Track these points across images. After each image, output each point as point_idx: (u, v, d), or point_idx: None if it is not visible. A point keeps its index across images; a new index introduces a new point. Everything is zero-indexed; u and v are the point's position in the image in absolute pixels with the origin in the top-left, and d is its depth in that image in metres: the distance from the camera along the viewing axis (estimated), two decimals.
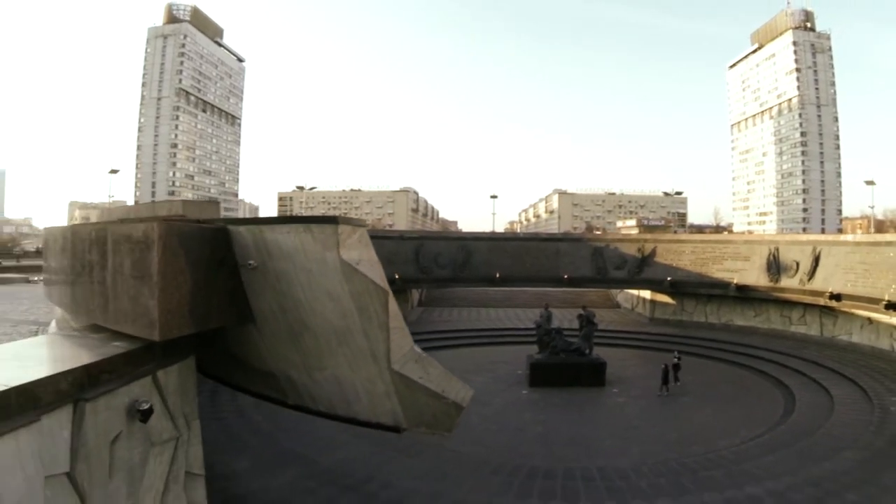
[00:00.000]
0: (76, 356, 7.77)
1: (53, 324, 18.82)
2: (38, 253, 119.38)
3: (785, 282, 30.87)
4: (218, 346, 10.25)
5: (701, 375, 26.16)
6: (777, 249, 31.80)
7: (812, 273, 29.38)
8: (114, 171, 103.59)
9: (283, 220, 13.08)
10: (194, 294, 8.08)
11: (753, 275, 32.39)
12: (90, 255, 9.15)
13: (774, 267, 31.38)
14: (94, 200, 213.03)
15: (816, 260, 29.33)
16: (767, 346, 29.15)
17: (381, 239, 37.23)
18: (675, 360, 24.62)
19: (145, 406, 7.91)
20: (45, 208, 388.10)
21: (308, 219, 8.83)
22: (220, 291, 8.68)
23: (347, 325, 8.24)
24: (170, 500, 8.98)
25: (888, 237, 27.73)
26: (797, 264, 30.27)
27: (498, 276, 34.30)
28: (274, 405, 16.83)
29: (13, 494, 5.86)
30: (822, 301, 28.44)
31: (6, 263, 74.55)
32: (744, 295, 33.05)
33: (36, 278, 40.18)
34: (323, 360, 8.98)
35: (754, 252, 32.97)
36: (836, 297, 27.52)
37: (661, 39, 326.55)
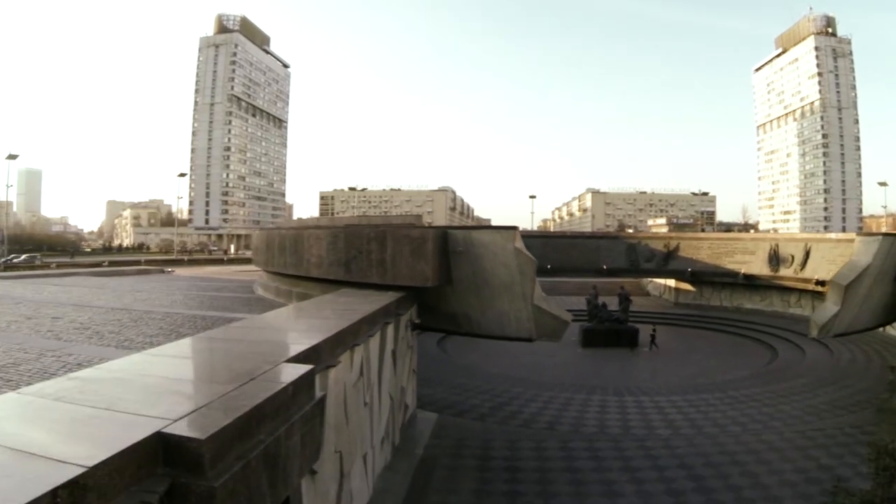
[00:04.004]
0: (382, 298, 15.69)
1: (259, 290, 27.46)
2: (106, 250, 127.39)
3: (783, 271, 38.15)
4: (418, 300, 18.33)
5: (712, 342, 34.13)
6: (777, 245, 39.15)
7: (804, 264, 36.59)
8: (182, 175, 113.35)
9: (483, 227, 21.58)
10: (438, 264, 16.23)
11: (758, 266, 39.69)
12: (368, 246, 17.23)
13: (774, 260, 38.66)
14: (132, 199, 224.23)
15: (807, 254, 36.55)
16: (767, 322, 36.70)
17: None
18: (652, 331, 32.52)
19: (417, 321, 16.20)
20: (79, 207, 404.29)
21: (498, 227, 16.98)
22: (449, 264, 16.79)
23: (512, 281, 16.29)
24: (409, 382, 17.17)
25: (862, 236, 34.97)
26: (792, 257, 37.52)
27: (549, 267, 42.15)
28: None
29: (387, 359, 13.92)
30: (810, 286, 35.74)
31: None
32: (750, 282, 40.38)
33: (169, 269, 48.90)
34: (493, 302, 17.03)
35: (759, 248, 40.29)
36: (822, 283, 34.74)
37: (692, 38, 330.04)
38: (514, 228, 16.25)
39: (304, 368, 6.22)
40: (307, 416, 5.78)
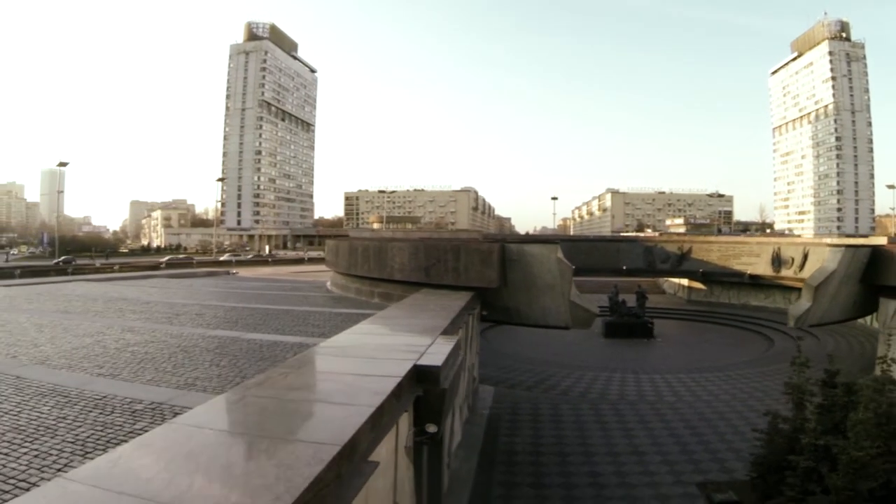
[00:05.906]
0: (462, 296, 20.94)
1: (335, 289, 32.85)
2: (144, 250, 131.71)
3: (784, 272, 42.62)
4: (481, 298, 23.53)
5: (718, 334, 39.11)
6: (779, 248, 43.67)
7: (802, 266, 41.15)
8: (221, 179, 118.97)
9: (532, 241, 26.90)
10: (499, 270, 21.39)
11: (762, 267, 44.23)
12: (445, 256, 22.41)
13: (777, 262, 43.18)
14: (154, 200, 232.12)
15: (805, 256, 41.01)
16: (769, 317, 41.45)
17: None
18: (649, 324, 37.69)
19: (485, 314, 21.51)
20: (99, 206, 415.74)
21: (544, 241, 22.24)
22: (506, 269, 21.98)
23: (554, 282, 21.43)
24: (475, 360, 22.40)
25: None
26: (792, 259, 42.01)
27: (574, 267, 47.14)
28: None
29: (467, 340, 19.20)
30: None
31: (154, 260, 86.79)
32: (755, 282, 44.90)
33: (234, 271, 54.18)
34: (539, 299, 22.18)
35: (763, 250, 44.84)
36: None
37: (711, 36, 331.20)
38: (556, 243, 21.47)
39: (456, 337, 11.37)
40: (460, 365, 10.88)
